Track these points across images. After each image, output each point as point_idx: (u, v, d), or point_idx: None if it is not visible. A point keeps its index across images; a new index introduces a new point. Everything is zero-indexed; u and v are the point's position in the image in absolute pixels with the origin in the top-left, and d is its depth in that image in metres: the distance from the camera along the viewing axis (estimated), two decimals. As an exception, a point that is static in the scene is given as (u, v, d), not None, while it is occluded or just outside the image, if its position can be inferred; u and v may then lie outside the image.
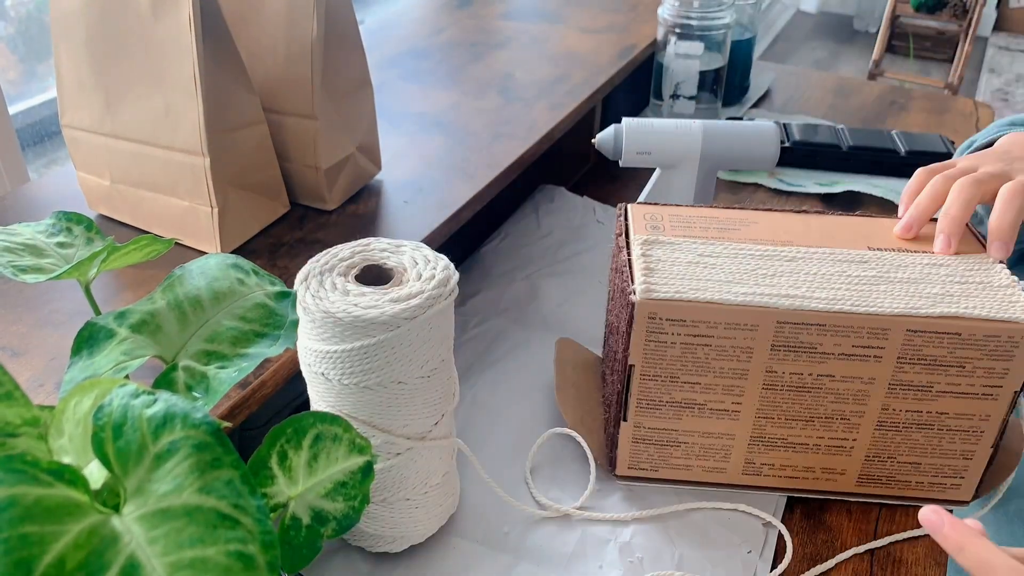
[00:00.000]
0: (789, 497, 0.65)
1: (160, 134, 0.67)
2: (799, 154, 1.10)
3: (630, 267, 0.60)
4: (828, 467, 0.64)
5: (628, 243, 0.63)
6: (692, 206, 0.68)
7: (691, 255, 0.61)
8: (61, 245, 0.45)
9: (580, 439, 0.68)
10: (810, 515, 0.64)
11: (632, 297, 0.57)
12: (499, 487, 0.63)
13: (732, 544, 0.61)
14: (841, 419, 0.61)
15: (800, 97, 1.29)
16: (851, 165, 1.09)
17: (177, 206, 0.70)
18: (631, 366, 0.60)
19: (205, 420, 0.29)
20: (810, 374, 0.59)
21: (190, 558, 0.26)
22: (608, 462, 0.66)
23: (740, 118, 1.19)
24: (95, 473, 0.29)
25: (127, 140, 0.69)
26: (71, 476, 0.27)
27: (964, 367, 0.58)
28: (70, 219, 0.46)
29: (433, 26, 1.22)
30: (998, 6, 4.02)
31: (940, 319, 0.57)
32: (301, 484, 0.39)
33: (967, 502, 0.65)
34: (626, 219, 0.66)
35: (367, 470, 0.41)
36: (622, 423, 0.63)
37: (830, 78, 1.37)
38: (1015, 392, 0.59)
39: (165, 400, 0.29)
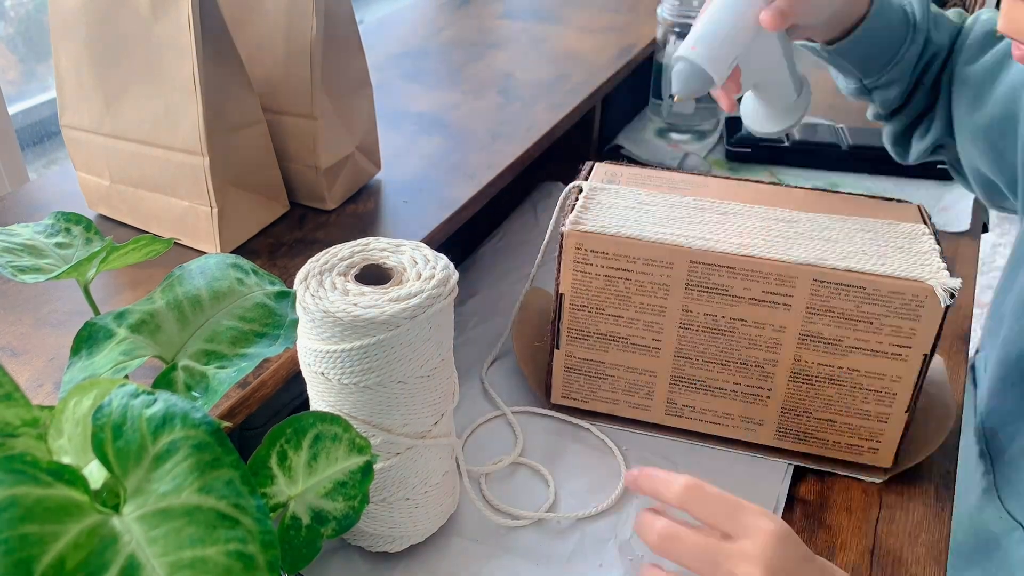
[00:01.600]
0: (789, 496, 0.65)
1: (160, 134, 0.67)
2: (799, 153, 1.10)
3: (572, 207, 0.65)
4: (747, 415, 0.66)
5: (580, 190, 0.68)
6: (655, 168, 0.73)
7: (630, 201, 0.66)
8: (60, 245, 0.45)
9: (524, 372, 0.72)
10: (810, 514, 0.64)
11: (562, 228, 0.63)
12: (487, 489, 0.63)
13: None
14: (756, 366, 0.64)
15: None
16: (851, 164, 1.09)
17: (177, 206, 0.70)
18: (561, 295, 0.65)
19: (204, 420, 0.28)
20: (723, 316, 0.62)
21: (190, 558, 0.26)
22: (544, 390, 0.70)
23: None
24: (95, 473, 0.29)
25: (127, 140, 0.69)
26: (71, 476, 0.27)
27: (871, 323, 0.59)
28: (69, 219, 0.46)
29: (433, 26, 1.22)
30: (997, 5, 4.01)
31: (845, 272, 0.58)
32: (301, 484, 0.39)
33: (886, 468, 0.65)
34: (588, 173, 0.70)
35: (367, 470, 0.41)
36: (555, 351, 0.67)
37: (830, 78, 1.37)
38: (924, 355, 0.59)
39: (165, 400, 0.29)
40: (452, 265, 0.53)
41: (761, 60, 0.71)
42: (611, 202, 0.66)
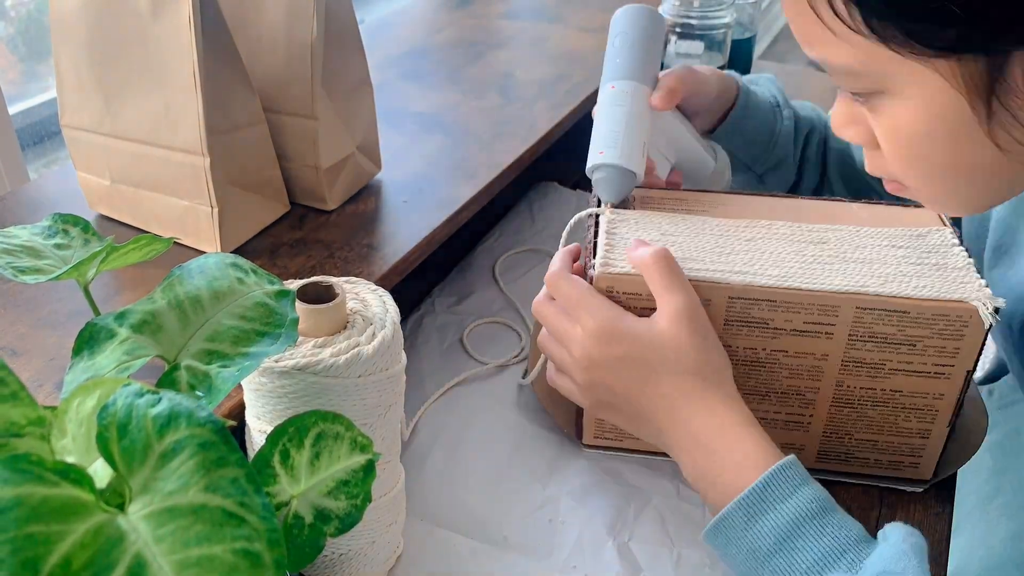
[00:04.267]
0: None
1: (160, 134, 0.67)
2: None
3: (595, 243, 0.63)
4: (787, 442, 0.64)
5: (596, 221, 0.66)
6: (664, 189, 0.71)
7: (653, 232, 0.63)
8: (58, 247, 0.45)
9: (549, 413, 0.69)
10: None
11: (591, 272, 0.60)
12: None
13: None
14: (797, 395, 0.62)
15: (800, 97, 1.29)
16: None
17: (177, 206, 0.70)
18: None
19: (209, 419, 0.28)
20: (764, 349, 0.61)
21: (197, 556, 0.26)
22: (576, 432, 0.68)
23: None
24: (99, 472, 0.29)
25: (127, 140, 0.69)
26: (76, 476, 0.27)
27: (915, 346, 0.59)
28: (66, 221, 0.46)
29: (433, 26, 1.22)
30: None
31: (889, 298, 0.58)
32: (303, 483, 0.39)
33: (926, 480, 0.65)
34: (598, 199, 0.69)
35: (369, 468, 0.41)
36: None
37: (824, 77, 1.37)
38: (967, 371, 0.59)
39: (169, 399, 0.29)
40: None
41: (668, 140, 0.73)
42: (634, 235, 0.63)
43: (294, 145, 0.75)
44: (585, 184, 1.08)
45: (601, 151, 0.66)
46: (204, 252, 0.71)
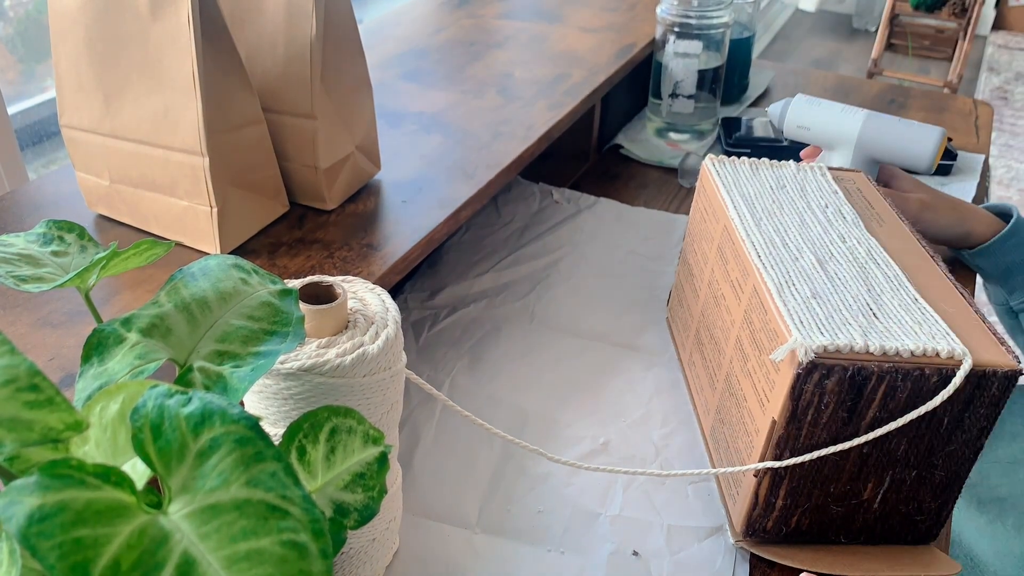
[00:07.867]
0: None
1: (159, 134, 0.67)
2: (799, 151, 1.10)
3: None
4: (707, 401, 0.65)
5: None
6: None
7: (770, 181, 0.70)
8: (56, 254, 0.45)
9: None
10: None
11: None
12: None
13: (720, 515, 0.62)
14: (716, 348, 0.64)
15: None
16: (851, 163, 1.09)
17: (176, 206, 0.70)
18: None
19: (243, 415, 0.29)
20: (719, 283, 0.64)
21: (245, 550, 0.26)
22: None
23: (739, 118, 1.19)
24: (133, 475, 0.30)
25: (126, 140, 0.69)
26: (117, 478, 0.27)
27: (760, 355, 0.55)
28: (60, 227, 0.46)
29: (432, 25, 1.22)
30: (997, 5, 4.02)
31: (766, 290, 0.54)
32: (320, 478, 0.40)
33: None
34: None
35: (382, 460, 0.42)
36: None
37: (829, 77, 1.37)
38: (772, 420, 0.52)
39: (200, 398, 0.29)
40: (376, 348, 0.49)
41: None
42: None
43: (293, 145, 0.75)
44: (585, 185, 1.08)
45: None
46: (203, 252, 0.71)
